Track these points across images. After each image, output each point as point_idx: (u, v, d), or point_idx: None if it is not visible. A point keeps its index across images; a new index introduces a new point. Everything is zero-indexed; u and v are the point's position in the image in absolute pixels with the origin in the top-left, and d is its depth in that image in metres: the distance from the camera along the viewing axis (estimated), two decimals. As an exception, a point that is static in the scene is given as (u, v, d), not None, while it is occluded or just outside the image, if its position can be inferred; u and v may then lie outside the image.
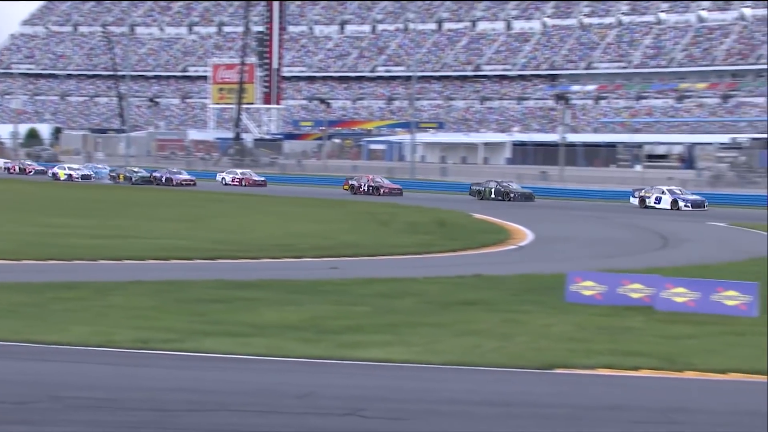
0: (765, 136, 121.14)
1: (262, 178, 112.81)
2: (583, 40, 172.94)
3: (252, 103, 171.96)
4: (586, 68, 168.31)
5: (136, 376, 22.71)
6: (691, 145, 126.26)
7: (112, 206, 77.30)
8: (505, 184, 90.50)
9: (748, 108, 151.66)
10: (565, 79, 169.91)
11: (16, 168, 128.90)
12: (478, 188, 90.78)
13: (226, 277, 38.18)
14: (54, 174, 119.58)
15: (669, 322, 30.27)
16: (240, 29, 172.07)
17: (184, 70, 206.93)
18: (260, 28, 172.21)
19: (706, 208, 75.19)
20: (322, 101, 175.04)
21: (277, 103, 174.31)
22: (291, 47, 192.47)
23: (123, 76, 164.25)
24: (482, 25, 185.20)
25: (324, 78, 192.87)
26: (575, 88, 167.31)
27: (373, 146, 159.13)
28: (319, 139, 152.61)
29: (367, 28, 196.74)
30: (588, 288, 33.75)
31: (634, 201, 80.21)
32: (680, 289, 32.80)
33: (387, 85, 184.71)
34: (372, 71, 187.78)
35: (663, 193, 76.63)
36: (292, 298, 33.64)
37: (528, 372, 24.10)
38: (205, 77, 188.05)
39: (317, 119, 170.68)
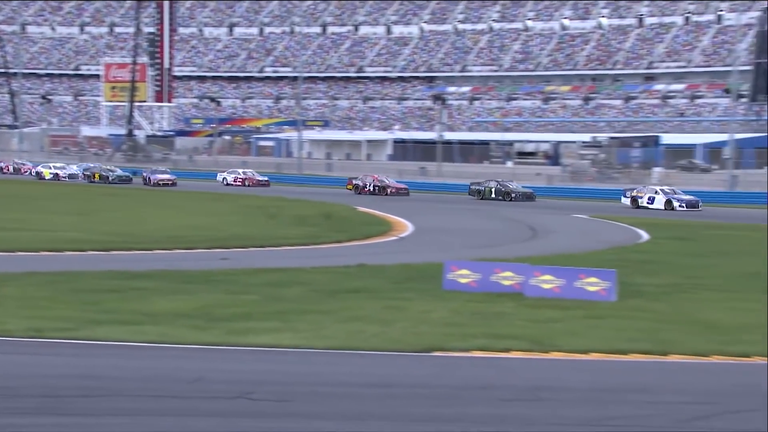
0: (622, 135, 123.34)
1: (266, 178, 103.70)
2: (457, 45, 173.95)
3: (144, 101, 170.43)
4: (461, 71, 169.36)
5: (30, 364, 22.41)
6: (557, 143, 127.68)
7: (12, 200, 76.00)
8: (505, 183, 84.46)
9: (606, 109, 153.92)
10: (442, 81, 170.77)
11: (10, 168, 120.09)
12: (477, 188, 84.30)
13: (119, 267, 37.81)
14: (38, 173, 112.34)
15: (537, 307, 30.63)
16: (131, 30, 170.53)
17: (77, 69, 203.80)
18: (151, 29, 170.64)
19: (700, 209, 71.54)
20: (213, 100, 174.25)
21: (169, 101, 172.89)
22: (182, 48, 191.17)
23: (15, 74, 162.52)
24: (364, 30, 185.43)
25: (214, 78, 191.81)
26: (451, 89, 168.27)
27: (262, 143, 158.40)
28: (210, 136, 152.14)
29: (255, 30, 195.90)
30: (463, 276, 33.98)
31: (626, 201, 75.96)
32: (547, 277, 33.24)
33: (275, 85, 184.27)
34: (260, 72, 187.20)
35: (656, 193, 72.76)
36: (183, 288, 33.44)
37: (408, 355, 24.24)
38: (97, 75, 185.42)
39: (208, 117, 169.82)
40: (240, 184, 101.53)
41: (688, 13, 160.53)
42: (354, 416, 18.81)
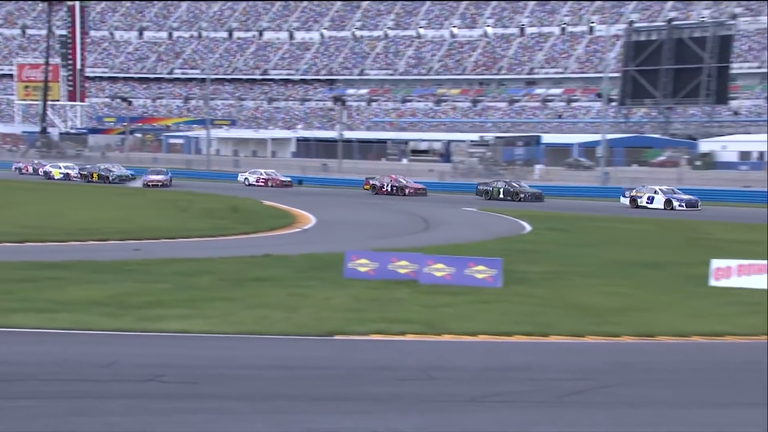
0: (506, 134, 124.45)
1: (288, 179, 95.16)
2: (356, 50, 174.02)
3: (57, 100, 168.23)
4: (359, 74, 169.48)
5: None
6: (448, 142, 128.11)
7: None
8: (514, 184, 79.36)
9: (492, 111, 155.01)
10: (342, 84, 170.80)
11: (30, 168, 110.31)
12: (485, 188, 78.92)
13: (34, 258, 37.42)
14: (46, 173, 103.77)
15: (430, 293, 30.81)
16: (44, 32, 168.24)
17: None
18: (63, 32, 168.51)
19: (699, 208, 67.16)
20: (124, 99, 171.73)
21: (81, 101, 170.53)
22: (93, 50, 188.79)
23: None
24: (268, 35, 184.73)
25: (125, 78, 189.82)
26: (350, 91, 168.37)
27: (172, 140, 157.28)
28: (122, 133, 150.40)
29: (164, 34, 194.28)
30: (363, 265, 34.09)
31: (625, 201, 71.28)
32: (439, 265, 33.48)
33: (184, 86, 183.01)
34: (170, 73, 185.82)
35: (656, 192, 68.07)
36: (97, 277, 33.10)
37: (311, 339, 24.33)
38: (11, 75, 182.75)
39: (120, 116, 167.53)
40: (263, 184, 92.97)
41: (564, 24, 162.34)
42: (260, 397, 18.81)
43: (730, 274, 33.60)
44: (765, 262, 33.99)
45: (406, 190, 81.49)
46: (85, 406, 17.57)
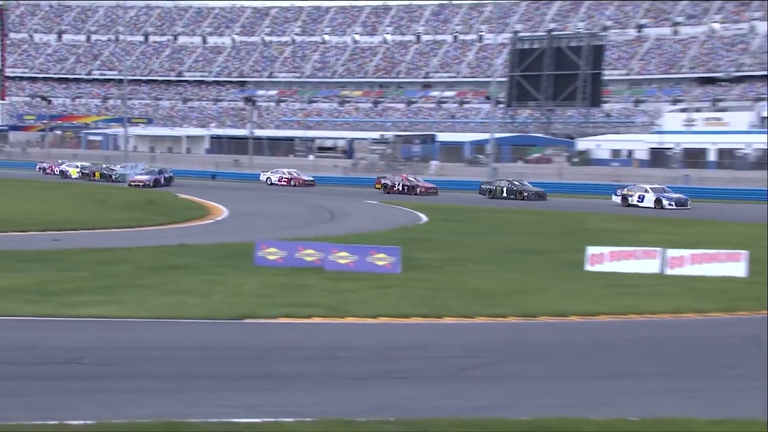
0: (405, 133, 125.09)
1: (311, 178, 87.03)
2: (265, 54, 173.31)
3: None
4: (269, 77, 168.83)
5: None
6: (351, 140, 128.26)
7: None
8: (516, 183, 73.25)
9: (391, 111, 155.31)
10: (252, 85, 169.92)
11: (55, 169, 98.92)
12: (488, 187, 72.85)
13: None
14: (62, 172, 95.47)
15: (334, 279, 30.81)
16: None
17: None
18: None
19: (689, 207, 62.05)
20: (44, 98, 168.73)
21: (2, 99, 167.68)
22: (14, 51, 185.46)
23: None
24: (182, 39, 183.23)
25: (45, 79, 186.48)
26: (260, 92, 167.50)
27: (91, 137, 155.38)
28: (42, 130, 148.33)
29: (82, 37, 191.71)
30: (272, 253, 34.04)
31: (617, 199, 66.25)
32: (343, 254, 33.56)
33: (102, 86, 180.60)
34: (88, 74, 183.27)
35: (646, 191, 62.74)
36: (17, 266, 32.57)
37: (223, 322, 24.22)
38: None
39: (40, 114, 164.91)
40: (285, 183, 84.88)
41: (456, 33, 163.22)
42: (175, 377, 18.72)
43: (603, 260, 34.28)
44: (634, 248, 34.80)
45: (417, 189, 75.29)
46: (8, 387, 17.34)
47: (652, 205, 63.78)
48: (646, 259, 34.07)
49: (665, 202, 64.06)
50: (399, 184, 76.30)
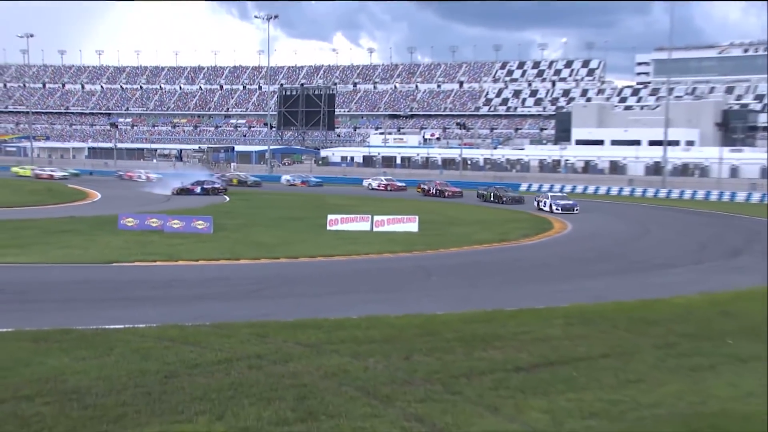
0: (214, 146, 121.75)
1: (403, 183, 70.63)
2: (123, 96, 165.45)
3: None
4: (125, 110, 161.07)
5: None
6: (180, 150, 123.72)
7: None
8: (500, 188, 58.62)
9: (206, 132, 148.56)
10: (115, 115, 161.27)
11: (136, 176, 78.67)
12: (483, 192, 58.60)
13: None
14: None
15: (170, 237, 30.22)
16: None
17: None
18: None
19: (576, 212, 47.29)
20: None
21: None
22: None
23: None
24: (68, 86, 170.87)
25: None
26: (121, 120, 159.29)
27: (9, 148, 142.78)
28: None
29: (0, 84, 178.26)
30: (129, 221, 33.01)
31: (534, 205, 51.76)
32: (175, 221, 32.98)
33: (15, 116, 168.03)
34: (5, 108, 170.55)
35: (547, 198, 49.85)
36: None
37: (98, 266, 23.45)
38: None
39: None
40: (383, 189, 68.37)
41: (245, 83, 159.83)
42: (64, 299, 18.23)
43: (337, 223, 34.69)
44: (355, 215, 35.38)
45: (446, 193, 60.87)
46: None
47: (549, 209, 50.30)
48: (362, 222, 34.73)
49: (554, 207, 50.27)
50: (433, 189, 62.36)
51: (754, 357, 13.24)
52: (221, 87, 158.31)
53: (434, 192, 61.64)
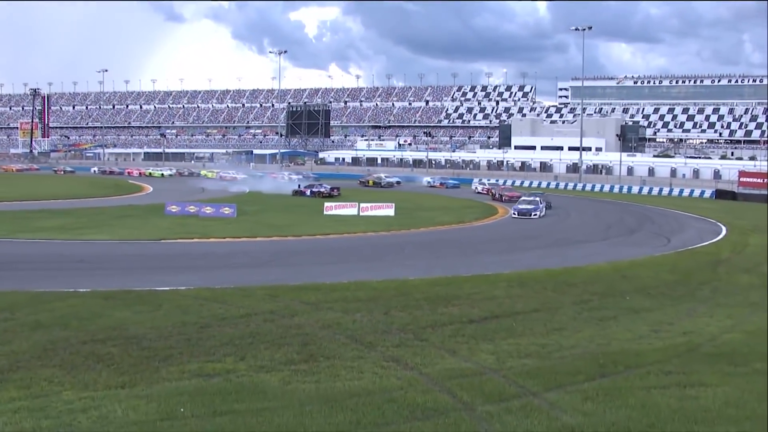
0: (238, 150, 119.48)
1: (457, 182, 61.05)
2: (181, 113, 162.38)
3: None
4: (172, 125, 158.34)
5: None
6: (212, 153, 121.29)
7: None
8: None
9: (232, 140, 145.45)
10: (164, 128, 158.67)
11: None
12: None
13: None
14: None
15: (204, 220, 29.36)
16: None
17: None
18: None
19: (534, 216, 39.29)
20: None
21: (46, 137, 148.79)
22: None
23: None
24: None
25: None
26: (168, 131, 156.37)
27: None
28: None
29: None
30: (174, 208, 32.59)
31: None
32: (208, 208, 32.64)
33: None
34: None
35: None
36: (51, 215, 29.91)
37: (150, 242, 23.05)
38: None
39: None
40: (486, 193, 51.62)
41: (261, 103, 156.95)
42: (127, 267, 17.81)
43: (332, 209, 34.38)
44: (346, 202, 34.94)
45: (503, 197, 44.95)
46: (50, 272, 16.20)
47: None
48: (351, 207, 34.38)
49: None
50: (497, 194, 47.34)
51: (645, 309, 13.51)
52: (243, 105, 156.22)
53: (498, 196, 46.52)
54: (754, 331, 11.94)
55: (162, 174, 76.57)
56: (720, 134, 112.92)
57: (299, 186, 48.74)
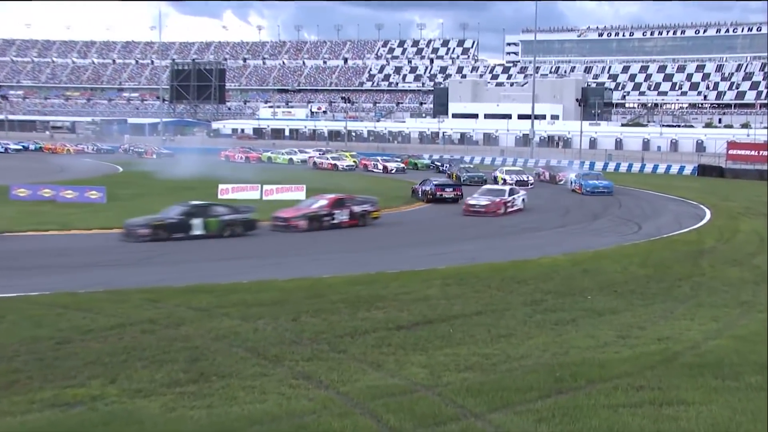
0: (108, 118, 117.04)
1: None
2: (14, 69, 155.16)
3: None
4: (17, 83, 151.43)
5: None
6: (74, 122, 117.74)
7: None
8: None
9: (99, 105, 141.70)
10: (6, 87, 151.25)
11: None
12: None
13: None
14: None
15: (63, 207, 28.76)
16: None
17: None
18: None
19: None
20: None
21: None
22: None
23: None
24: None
25: None
26: (11, 92, 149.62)
27: None
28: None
29: None
30: (22, 192, 31.68)
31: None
32: (69, 191, 31.90)
33: None
34: None
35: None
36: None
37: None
38: None
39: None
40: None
41: (137, 58, 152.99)
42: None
43: (228, 192, 34.18)
44: (245, 184, 34.69)
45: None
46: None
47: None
48: (252, 190, 34.33)
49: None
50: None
51: (610, 310, 13.78)
52: (114, 61, 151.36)
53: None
54: (745, 336, 11.98)
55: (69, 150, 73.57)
56: (705, 97, 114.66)
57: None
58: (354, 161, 57.77)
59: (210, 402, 8.90)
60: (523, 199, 31.48)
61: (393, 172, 52.70)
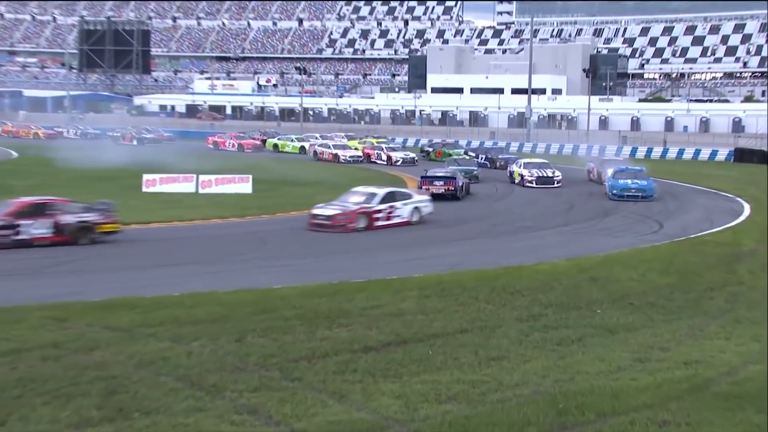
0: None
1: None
2: None
3: None
4: None
5: None
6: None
7: None
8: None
9: None
10: None
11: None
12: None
13: None
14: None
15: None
16: None
17: None
18: None
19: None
20: None
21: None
22: None
23: None
24: None
25: None
26: None
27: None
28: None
29: None
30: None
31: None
32: None
33: None
34: None
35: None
36: None
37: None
38: None
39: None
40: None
41: (33, 14, 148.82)
42: None
43: (156, 183, 34.18)
44: (177, 174, 34.73)
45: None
46: None
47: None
48: (186, 182, 34.39)
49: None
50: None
51: (624, 327, 13.87)
52: (2, 17, 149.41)
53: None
54: (794, 360, 11.95)
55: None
56: (745, 64, 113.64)
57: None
58: (362, 150, 54.19)
59: (131, 445, 8.87)
60: (416, 207, 26.97)
61: (398, 164, 50.01)
